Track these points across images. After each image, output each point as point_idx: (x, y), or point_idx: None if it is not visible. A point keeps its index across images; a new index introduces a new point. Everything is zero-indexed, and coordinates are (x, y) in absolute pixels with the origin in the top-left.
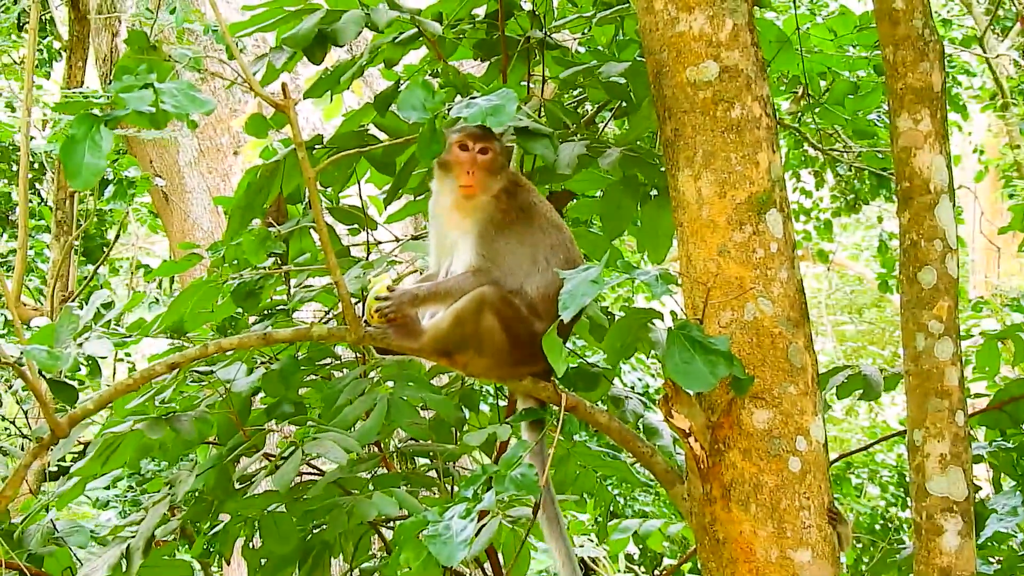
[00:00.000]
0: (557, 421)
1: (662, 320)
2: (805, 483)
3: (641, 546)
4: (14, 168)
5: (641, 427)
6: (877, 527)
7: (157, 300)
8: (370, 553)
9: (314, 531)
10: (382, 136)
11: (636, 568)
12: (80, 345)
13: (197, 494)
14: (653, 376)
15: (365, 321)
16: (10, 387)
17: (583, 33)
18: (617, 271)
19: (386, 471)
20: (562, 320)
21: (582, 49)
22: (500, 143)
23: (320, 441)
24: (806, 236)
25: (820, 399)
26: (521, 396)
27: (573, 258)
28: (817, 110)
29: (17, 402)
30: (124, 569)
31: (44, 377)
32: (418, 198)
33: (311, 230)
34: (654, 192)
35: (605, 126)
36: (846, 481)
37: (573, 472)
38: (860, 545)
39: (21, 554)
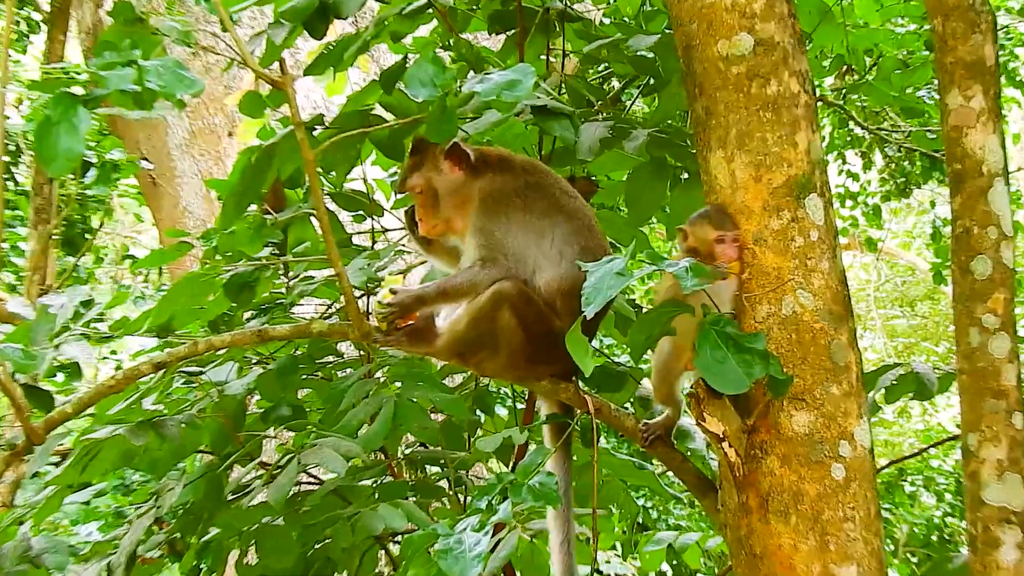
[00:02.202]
0: (579, 426)
1: (692, 314)
2: (849, 492)
3: (675, 562)
4: None
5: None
6: (933, 539)
7: (144, 295)
8: (376, 571)
9: (316, 546)
10: (388, 116)
11: None
12: (57, 347)
13: (186, 506)
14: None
15: (378, 329)
16: None
17: (607, 3)
18: (645, 261)
19: (392, 479)
20: (586, 316)
21: (606, 21)
22: (426, 166)
23: (318, 449)
24: (853, 223)
25: (866, 400)
26: (542, 398)
27: (593, 247)
28: (863, 87)
29: None
30: None
31: (18, 382)
32: None
33: (311, 217)
34: (684, 175)
35: (631, 105)
36: (898, 489)
37: (596, 480)
38: (915, 560)
39: None
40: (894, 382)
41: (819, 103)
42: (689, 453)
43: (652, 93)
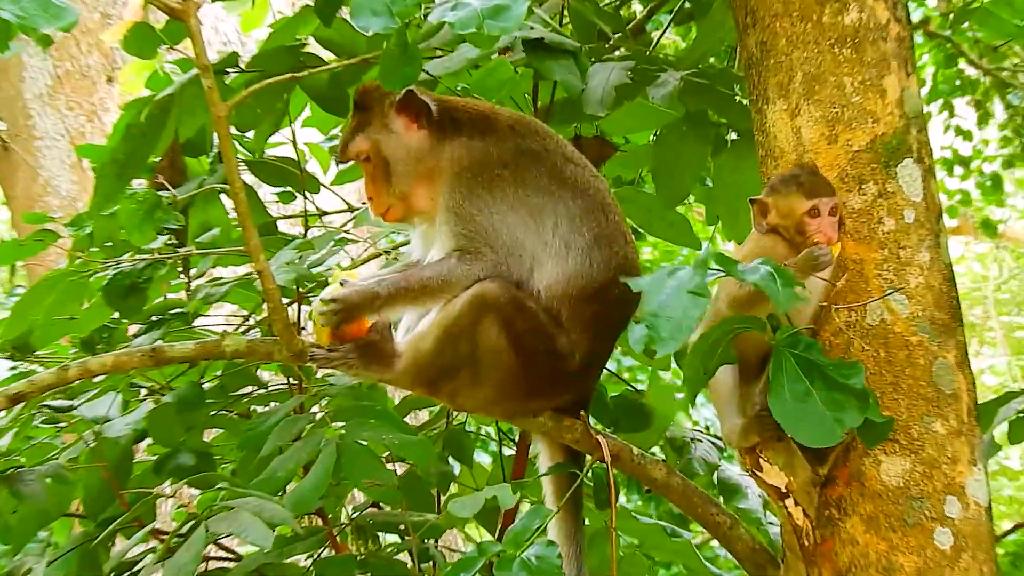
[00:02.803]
0: (591, 478)
1: (764, 331)
2: (960, 566)
3: None
4: None
5: (716, 484)
6: None
7: None
8: None
9: None
10: (327, 56)
11: None
12: None
13: None
14: None
15: (316, 345)
16: None
17: None
18: (713, 267)
19: (335, 553)
20: (608, 327)
21: None
22: (373, 125)
23: (233, 513)
24: (964, 198)
25: (982, 441)
26: (539, 439)
27: (611, 234)
28: (976, 13)
29: None
30: None
31: None
32: None
33: (221, 195)
34: (732, 136)
35: (660, 38)
36: None
37: (614, 554)
38: None
39: None
40: (1021, 415)
41: (917, 35)
42: (739, 513)
43: (687, 22)
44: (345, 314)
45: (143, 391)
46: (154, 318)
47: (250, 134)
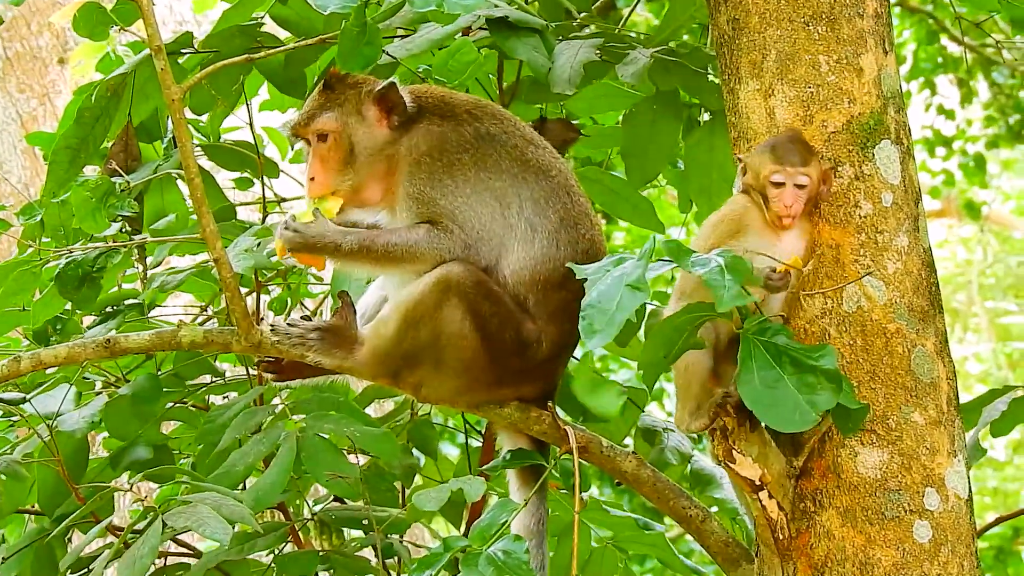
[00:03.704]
0: (558, 469)
1: (728, 320)
2: (939, 560)
3: None
4: None
5: (690, 475)
6: None
7: None
8: None
9: None
10: (284, 35)
11: None
12: None
13: None
14: None
15: (274, 329)
16: None
17: None
18: (663, 258)
19: (296, 549)
20: (576, 314)
21: None
22: (346, 106)
23: (191, 507)
24: (947, 179)
25: (963, 431)
26: (504, 431)
27: (576, 216)
28: None
29: None
30: None
31: None
32: None
33: (177, 180)
34: (704, 115)
35: (629, 15)
36: (1013, 557)
37: (584, 549)
38: None
39: None
40: (1004, 408)
41: (896, 10)
42: (714, 505)
43: None
44: (302, 249)
45: (98, 384)
46: (109, 309)
47: (206, 118)
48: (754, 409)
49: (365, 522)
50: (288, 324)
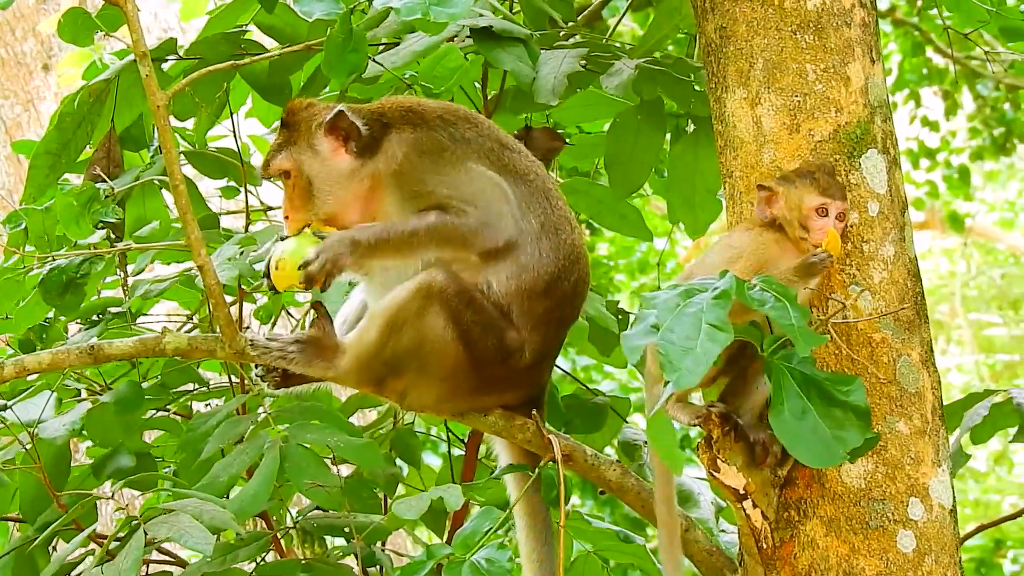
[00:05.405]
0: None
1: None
2: (923, 570)
3: None
4: None
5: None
6: None
7: None
8: None
9: None
10: (270, 43)
11: None
12: None
13: None
14: None
15: (253, 344)
16: None
17: None
18: (731, 297)
19: (279, 558)
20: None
21: None
22: (299, 144)
23: (173, 516)
24: (931, 190)
25: (947, 441)
26: (497, 442)
27: (556, 221)
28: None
29: None
30: None
31: None
32: None
33: (161, 188)
34: (690, 125)
35: (616, 25)
36: (995, 569)
37: (565, 558)
38: None
39: None
40: (985, 415)
41: (883, 21)
42: (696, 518)
43: (645, 7)
44: (332, 266)
45: (81, 391)
46: (92, 316)
47: (190, 124)
48: (783, 441)
49: (347, 530)
50: (267, 339)
